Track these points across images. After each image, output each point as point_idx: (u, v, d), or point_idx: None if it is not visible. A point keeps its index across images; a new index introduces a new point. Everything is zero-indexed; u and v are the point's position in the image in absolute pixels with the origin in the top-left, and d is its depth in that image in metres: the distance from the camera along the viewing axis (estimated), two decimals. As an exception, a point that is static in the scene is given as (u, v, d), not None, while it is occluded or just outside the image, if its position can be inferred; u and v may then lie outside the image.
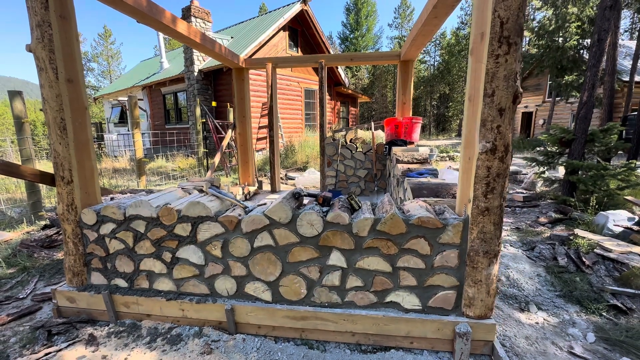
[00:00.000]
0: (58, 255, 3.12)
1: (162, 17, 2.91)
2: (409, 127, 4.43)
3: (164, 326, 2.06)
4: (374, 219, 1.78)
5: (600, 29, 4.10)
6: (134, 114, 5.56)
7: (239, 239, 1.93)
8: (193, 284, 2.05)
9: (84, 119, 2.11)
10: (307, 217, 1.83)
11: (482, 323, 1.77)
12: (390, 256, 1.82)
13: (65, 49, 1.98)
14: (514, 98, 1.57)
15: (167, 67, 13.84)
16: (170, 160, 9.60)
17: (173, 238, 2.01)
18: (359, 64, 7.43)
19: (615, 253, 2.83)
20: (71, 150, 2.04)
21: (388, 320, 1.84)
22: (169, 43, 31.26)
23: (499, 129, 1.58)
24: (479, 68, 1.61)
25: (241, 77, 5.24)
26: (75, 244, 2.13)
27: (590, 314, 2.21)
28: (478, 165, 1.63)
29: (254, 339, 1.95)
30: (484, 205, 1.65)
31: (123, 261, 2.10)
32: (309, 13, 11.73)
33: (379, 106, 33.83)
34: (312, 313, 1.90)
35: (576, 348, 1.91)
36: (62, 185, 2.06)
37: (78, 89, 2.07)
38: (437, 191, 2.41)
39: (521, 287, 2.53)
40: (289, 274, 1.93)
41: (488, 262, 1.71)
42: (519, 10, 1.48)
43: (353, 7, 33.48)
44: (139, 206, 2.00)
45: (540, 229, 3.71)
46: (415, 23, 3.36)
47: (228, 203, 2.17)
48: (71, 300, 2.17)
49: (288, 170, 8.35)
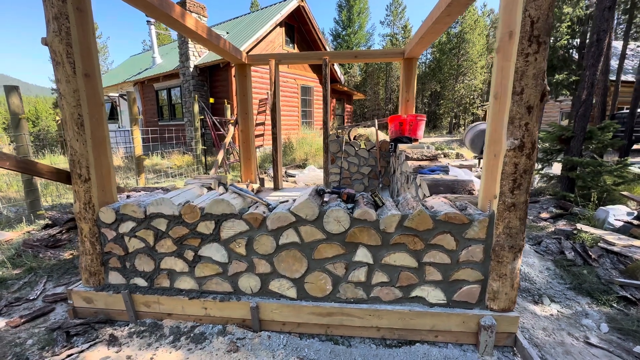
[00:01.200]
0: (65, 255, 3.04)
1: (171, 12, 2.86)
2: (414, 124, 4.47)
3: (185, 325, 2.04)
4: (401, 216, 1.80)
5: (599, 29, 4.20)
6: (132, 111, 5.43)
7: (264, 237, 1.92)
8: (216, 282, 2.03)
9: (100, 115, 2.06)
10: (334, 214, 1.84)
11: (505, 316, 1.81)
12: (417, 252, 1.84)
13: (83, 43, 1.92)
14: (542, 96, 1.60)
15: (160, 63, 13.55)
16: (165, 158, 9.44)
17: (195, 236, 1.98)
18: (363, 61, 7.44)
19: (619, 247, 2.93)
20: (89, 147, 1.99)
21: (413, 314, 1.87)
22: (159, 38, 30.59)
23: (527, 126, 1.61)
24: (507, 66, 1.64)
25: (243, 73, 5.18)
26: (93, 243, 2.08)
27: (601, 305, 2.29)
28: (505, 162, 1.66)
29: (279, 335, 1.96)
30: (510, 201, 1.68)
31: (143, 260, 2.07)
32: (306, 9, 11.65)
33: (372, 103, 33.94)
34: (338, 309, 1.91)
35: (592, 338, 1.97)
36: (79, 183, 2.01)
37: (95, 84, 2.01)
38: (453, 188, 2.44)
39: (533, 281, 2.60)
40: (314, 270, 1.94)
41: (513, 257, 1.75)
42: (549, 10, 1.51)
43: (345, 4, 33.38)
44: (161, 204, 1.97)
45: (542, 224, 3.80)
46: (425, 21, 3.38)
47: (249, 200, 2.16)
48: (88, 300, 2.12)
49: (287, 168, 8.32)
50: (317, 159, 8.88)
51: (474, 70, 27.53)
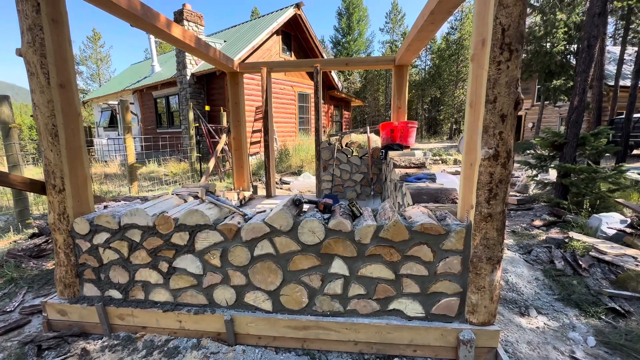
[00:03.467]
0: (47, 265, 3.01)
1: (156, 21, 2.87)
2: (405, 131, 4.45)
3: (160, 339, 2.00)
4: (376, 226, 1.76)
5: (589, 35, 4.19)
6: (125, 119, 5.46)
7: (238, 248, 1.89)
8: (191, 295, 1.99)
9: (76, 125, 2.05)
10: (308, 224, 1.80)
11: (485, 329, 1.75)
12: (393, 263, 1.80)
13: (57, 54, 1.92)
14: (515, 104, 1.57)
15: (159, 71, 13.69)
16: (162, 165, 9.46)
17: (170, 247, 1.95)
18: (354, 68, 7.47)
19: (610, 256, 2.87)
20: (63, 157, 1.97)
21: (391, 328, 1.82)
22: (160, 46, 30.99)
23: (501, 135, 1.58)
24: (481, 74, 1.61)
25: (235, 82, 5.20)
26: (67, 255, 2.05)
27: (590, 318, 2.22)
28: (480, 172, 1.63)
29: (255, 350, 1.91)
30: (486, 212, 1.64)
31: (117, 272, 2.03)
32: (302, 17, 11.77)
33: (372, 110, 34.06)
34: (314, 322, 1.86)
35: (577, 353, 1.91)
36: (54, 194, 1.99)
37: (70, 95, 2.01)
38: (437, 196, 2.40)
39: (520, 291, 2.54)
40: (290, 282, 1.89)
41: (491, 269, 1.70)
42: (519, 18, 1.49)
43: (345, 12, 33.76)
44: (135, 215, 1.94)
45: (535, 232, 3.74)
46: (412, 29, 3.38)
47: (226, 210, 2.13)
48: (62, 313, 2.09)
49: (282, 175, 8.30)
50: (312, 166, 8.85)
51: (473, 76, 27.59)
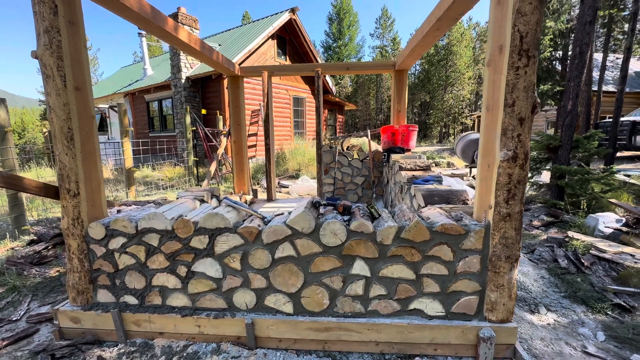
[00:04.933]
0: (50, 272, 2.93)
1: (164, 25, 2.86)
2: (406, 134, 4.52)
3: (178, 344, 1.97)
4: (398, 227, 1.79)
5: (581, 42, 4.37)
6: (123, 123, 5.38)
7: (259, 251, 1.89)
8: (210, 299, 1.97)
9: (91, 128, 2.02)
10: (330, 226, 1.82)
11: (504, 327, 1.80)
12: (414, 263, 1.83)
13: (74, 56, 1.90)
14: (532, 108, 1.64)
15: (151, 74, 13.52)
16: (157, 169, 9.31)
17: (189, 251, 1.93)
18: (355, 72, 7.56)
19: (610, 254, 2.97)
20: (78, 161, 1.94)
21: (412, 327, 1.84)
22: (150, 49, 30.61)
23: (519, 137, 1.64)
24: (498, 79, 1.67)
25: (236, 85, 5.19)
26: (81, 260, 2.01)
27: (597, 313, 2.30)
28: (499, 173, 1.68)
29: (276, 353, 1.90)
30: (505, 212, 1.70)
31: (134, 277, 2.00)
32: (297, 22, 11.85)
33: (363, 114, 34.37)
34: (336, 324, 1.88)
35: (589, 347, 1.97)
36: (68, 198, 1.95)
37: (85, 97, 1.98)
38: (448, 198, 2.46)
39: (528, 290, 2.61)
40: (311, 284, 1.90)
41: (510, 267, 1.75)
42: (537, 25, 1.55)
43: (335, 17, 34.11)
44: (153, 219, 1.92)
45: (535, 232, 3.85)
46: (415, 34, 3.45)
47: (244, 213, 2.13)
48: (75, 320, 2.04)
49: (280, 178, 8.29)
50: (310, 169, 8.88)
51: (461, 81, 28.24)
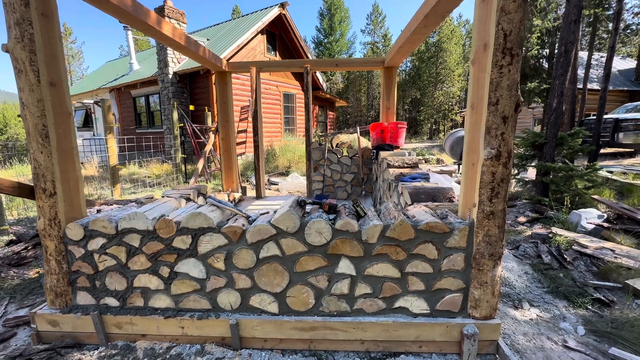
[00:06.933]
0: (30, 274, 2.85)
1: (147, 18, 2.78)
2: (395, 131, 4.53)
3: (161, 346, 1.94)
4: (383, 226, 1.79)
5: (566, 41, 4.43)
6: (107, 119, 5.24)
7: (243, 250, 1.86)
8: (193, 299, 1.94)
9: (67, 126, 1.95)
10: (315, 225, 1.80)
11: (487, 323, 1.82)
12: (399, 262, 1.83)
13: (48, 50, 1.82)
14: (516, 106, 1.64)
15: (138, 69, 13.21)
16: (144, 167, 9.14)
17: (171, 252, 1.89)
18: (344, 69, 7.53)
19: (591, 249, 3.04)
20: (54, 159, 1.87)
21: (397, 325, 1.85)
22: (137, 44, 29.91)
23: (502, 136, 1.64)
24: (482, 77, 1.67)
25: (224, 81, 5.11)
26: (59, 262, 1.95)
27: (578, 308, 2.35)
28: (483, 171, 1.68)
29: (261, 353, 1.88)
30: (489, 210, 1.70)
31: (114, 278, 1.95)
32: (287, 17, 11.71)
33: (354, 110, 34.37)
34: (321, 323, 1.87)
35: (570, 342, 2.02)
36: (44, 198, 1.88)
37: (61, 93, 1.91)
38: (434, 195, 2.47)
39: (512, 285, 2.65)
40: (296, 284, 1.89)
41: (493, 264, 1.77)
42: (520, 24, 1.55)
43: (327, 13, 33.86)
44: (134, 219, 1.87)
45: (520, 228, 3.91)
46: (403, 31, 3.44)
47: (228, 213, 2.09)
48: (54, 323, 1.98)
49: (270, 175, 8.23)
50: (300, 166, 8.84)
51: (451, 78, 28.45)
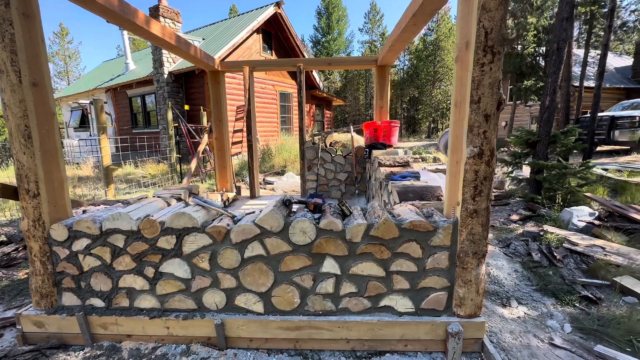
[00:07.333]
0: (19, 274, 2.84)
1: (135, 18, 2.77)
2: (388, 130, 4.53)
3: (147, 346, 1.93)
4: (367, 225, 1.79)
5: (559, 38, 4.42)
6: (100, 119, 5.22)
7: (228, 250, 1.86)
8: (179, 300, 1.94)
9: (51, 126, 1.94)
10: (299, 225, 1.80)
11: (472, 322, 1.82)
12: (384, 261, 1.83)
13: (30, 50, 1.81)
14: (498, 104, 1.64)
15: (134, 69, 13.17)
16: (139, 167, 9.12)
17: (156, 252, 1.89)
18: (337, 68, 7.52)
19: (582, 247, 3.05)
20: (37, 160, 1.86)
21: (382, 324, 1.85)
22: (134, 43, 29.82)
23: (485, 134, 1.64)
24: (465, 75, 1.67)
25: (217, 81, 5.11)
26: (44, 263, 1.94)
27: (565, 306, 2.36)
28: (466, 169, 1.68)
29: (246, 353, 1.88)
30: (472, 208, 1.70)
31: (99, 279, 1.95)
32: (283, 16, 11.68)
33: (352, 109, 34.35)
34: (307, 322, 1.87)
35: (556, 339, 2.02)
36: (27, 199, 1.87)
37: (44, 93, 1.90)
38: (422, 194, 2.47)
39: (501, 284, 2.65)
40: (281, 283, 1.89)
41: (477, 263, 1.77)
42: (501, 22, 1.55)
43: (324, 11, 33.80)
44: (118, 219, 1.86)
45: (512, 226, 3.91)
46: (394, 30, 3.44)
47: (214, 212, 2.09)
48: (39, 325, 1.97)
49: (266, 175, 8.23)
50: (296, 166, 8.82)
51: (449, 77, 28.44)
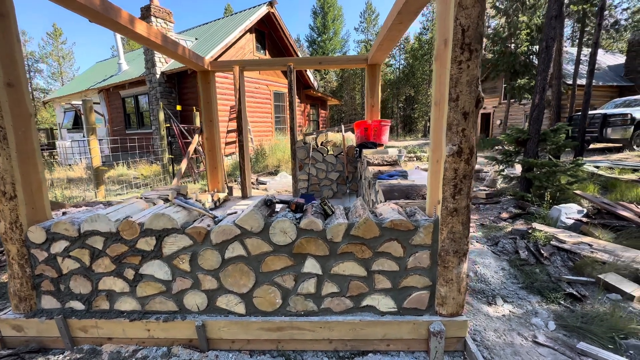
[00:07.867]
0: (2, 277, 2.80)
1: (118, 17, 2.74)
2: (378, 129, 4.52)
3: (127, 349, 1.91)
4: (347, 224, 1.78)
5: (547, 36, 4.44)
6: (89, 120, 5.18)
7: (208, 251, 1.84)
8: (159, 302, 1.92)
9: (28, 127, 1.91)
10: (280, 225, 1.79)
11: (454, 320, 1.82)
12: (365, 260, 1.82)
13: (4, 50, 1.78)
14: (476, 102, 1.64)
15: (126, 69, 13.08)
16: (132, 168, 9.06)
17: (136, 253, 1.87)
18: (328, 67, 7.51)
19: (569, 244, 3.06)
20: (13, 162, 1.83)
21: (364, 324, 1.84)
22: (128, 43, 29.65)
23: (464, 132, 1.63)
24: (444, 73, 1.66)
25: (207, 81, 5.08)
26: (22, 266, 1.91)
27: (550, 303, 2.36)
28: (446, 168, 1.68)
29: (228, 354, 1.87)
30: (452, 206, 1.70)
31: (79, 281, 1.92)
32: (276, 15, 11.65)
33: (348, 108, 34.36)
34: (288, 323, 1.85)
35: (539, 337, 2.02)
36: (4, 201, 1.84)
37: (20, 94, 1.87)
38: (408, 193, 2.46)
39: (488, 282, 2.65)
40: (263, 284, 1.87)
41: (458, 261, 1.76)
42: (478, 19, 1.54)
43: (320, 11, 33.79)
44: (96, 221, 1.84)
45: (502, 224, 3.92)
46: (381, 28, 3.43)
47: (195, 213, 2.07)
48: (18, 328, 1.95)
49: (259, 175, 8.20)
50: (289, 166, 8.80)
51: (445, 76, 28.48)
